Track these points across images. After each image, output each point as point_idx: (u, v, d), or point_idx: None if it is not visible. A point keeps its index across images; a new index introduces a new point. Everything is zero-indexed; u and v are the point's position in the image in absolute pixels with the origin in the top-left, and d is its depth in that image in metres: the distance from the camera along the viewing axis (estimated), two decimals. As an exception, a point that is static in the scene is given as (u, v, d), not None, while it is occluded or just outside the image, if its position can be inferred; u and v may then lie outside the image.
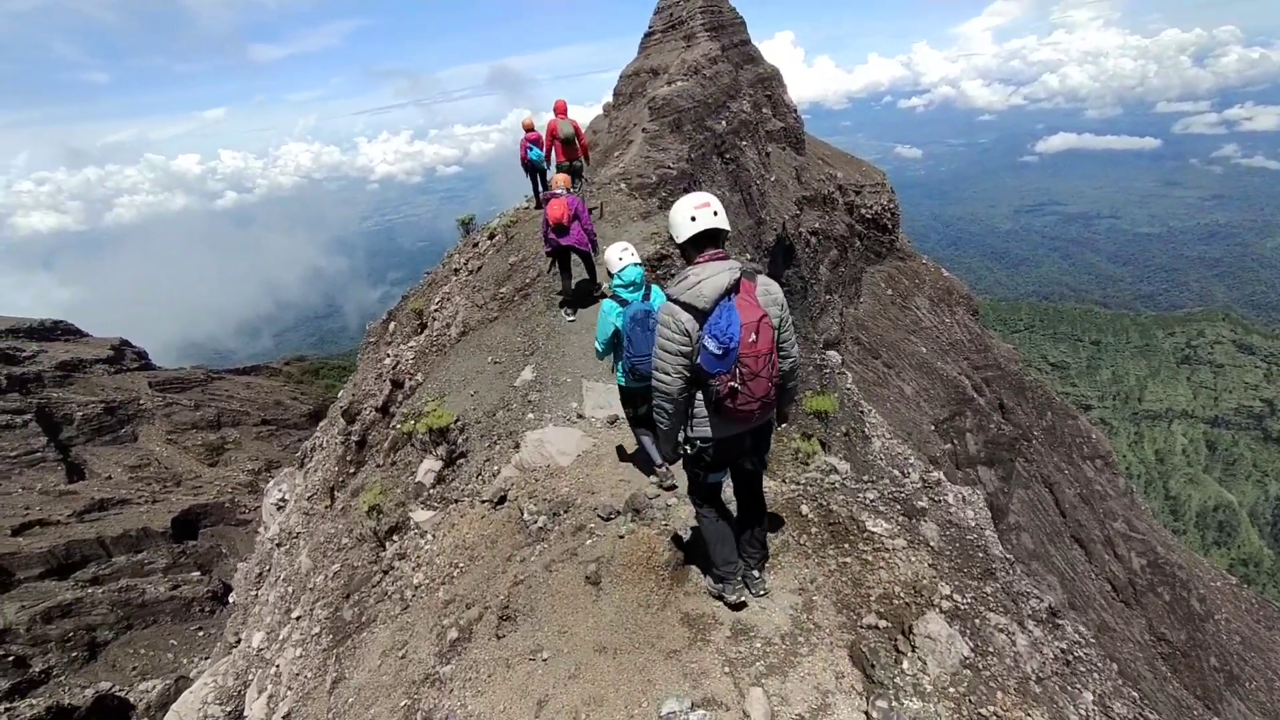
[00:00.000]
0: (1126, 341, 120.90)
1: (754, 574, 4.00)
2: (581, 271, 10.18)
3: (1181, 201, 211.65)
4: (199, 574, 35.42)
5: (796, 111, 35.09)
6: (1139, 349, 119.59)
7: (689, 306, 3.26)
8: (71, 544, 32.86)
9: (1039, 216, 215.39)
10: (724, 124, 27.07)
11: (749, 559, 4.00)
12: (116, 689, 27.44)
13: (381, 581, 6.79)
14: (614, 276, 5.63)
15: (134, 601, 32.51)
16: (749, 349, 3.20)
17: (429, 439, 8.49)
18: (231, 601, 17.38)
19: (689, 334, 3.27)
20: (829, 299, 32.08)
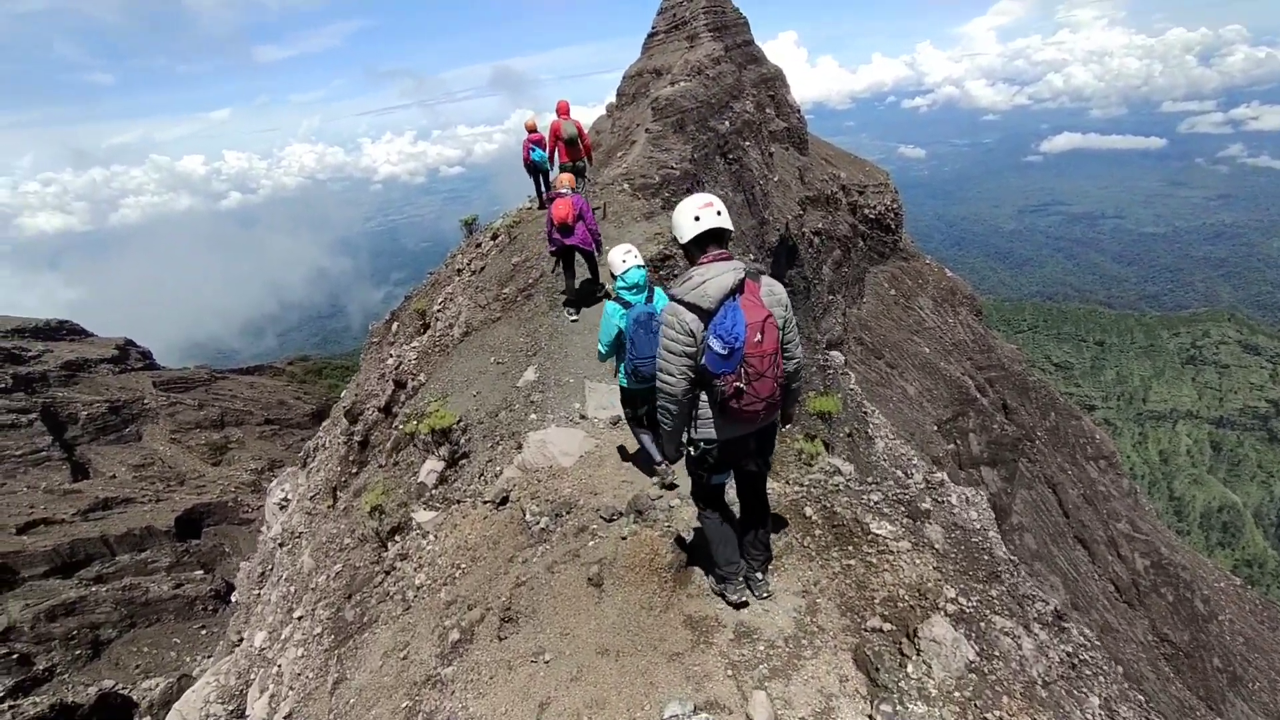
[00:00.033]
0: (1131, 342, 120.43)
1: (757, 576, 3.97)
2: (585, 271, 10.17)
3: (1187, 201, 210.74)
4: (202, 573, 35.47)
5: (800, 112, 35.01)
6: (1143, 349, 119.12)
7: (694, 307, 3.25)
8: (75, 543, 32.95)
9: (1043, 216, 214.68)
10: (727, 124, 27.04)
11: (752, 561, 3.98)
12: (120, 687, 27.50)
13: (383, 582, 6.78)
14: (617, 279, 5.64)
15: (137, 600, 32.58)
16: (754, 349, 3.19)
17: (431, 439, 8.48)
18: (234, 600, 17.42)
19: (694, 334, 3.25)
20: (832, 299, 32.02)
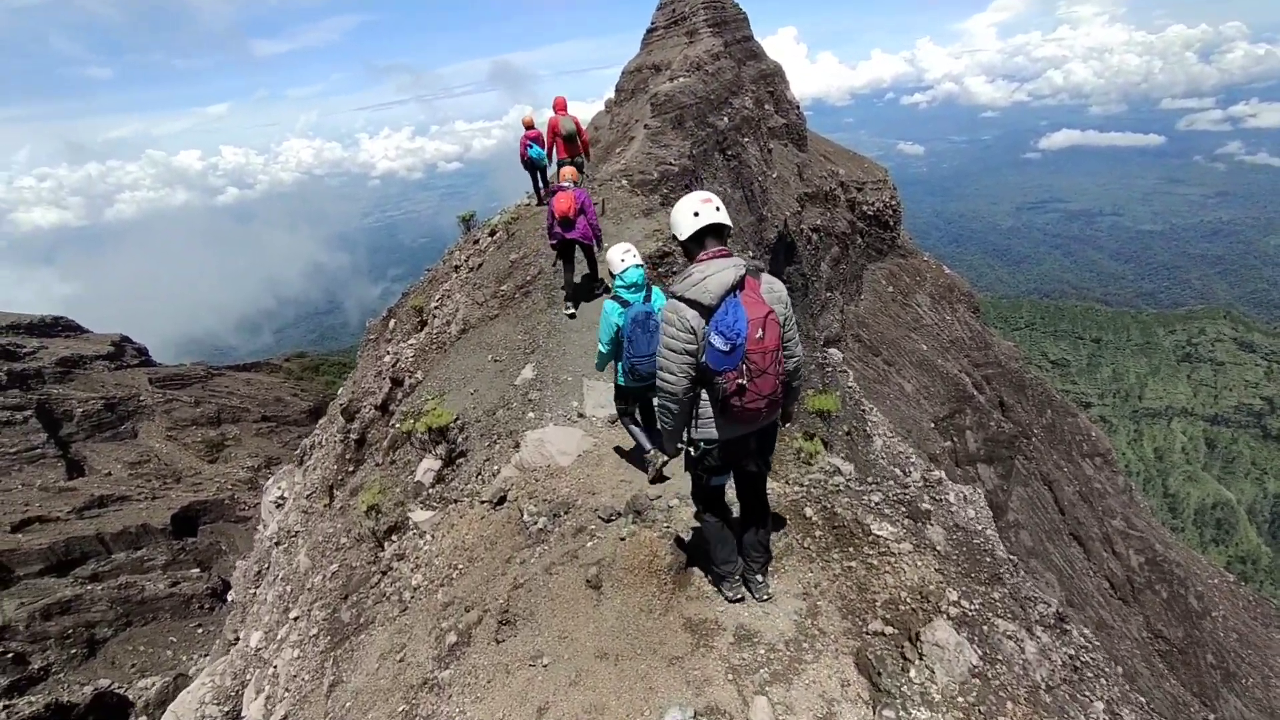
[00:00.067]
0: (1127, 339, 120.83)
1: (757, 578, 3.93)
2: (584, 266, 10.13)
3: (1185, 199, 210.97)
4: (198, 571, 35.39)
5: (799, 108, 34.94)
6: (1140, 347, 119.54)
7: (694, 303, 3.21)
8: (71, 541, 32.84)
9: (1041, 213, 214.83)
10: (726, 120, 26.96)
11: (752, 562, 3.93)
12: (115, 686, 27.43)
13: (380, 582, 6.73)
14: (616, 277, 5.68)
15: (133, 598, 32.49)
16: (756, 345, 3.15)
17: (428, 438, 8.42)
18: (230, 599, 17.33)
19: (694, 331, 3.21)
20: (830, 296, 31.99)
